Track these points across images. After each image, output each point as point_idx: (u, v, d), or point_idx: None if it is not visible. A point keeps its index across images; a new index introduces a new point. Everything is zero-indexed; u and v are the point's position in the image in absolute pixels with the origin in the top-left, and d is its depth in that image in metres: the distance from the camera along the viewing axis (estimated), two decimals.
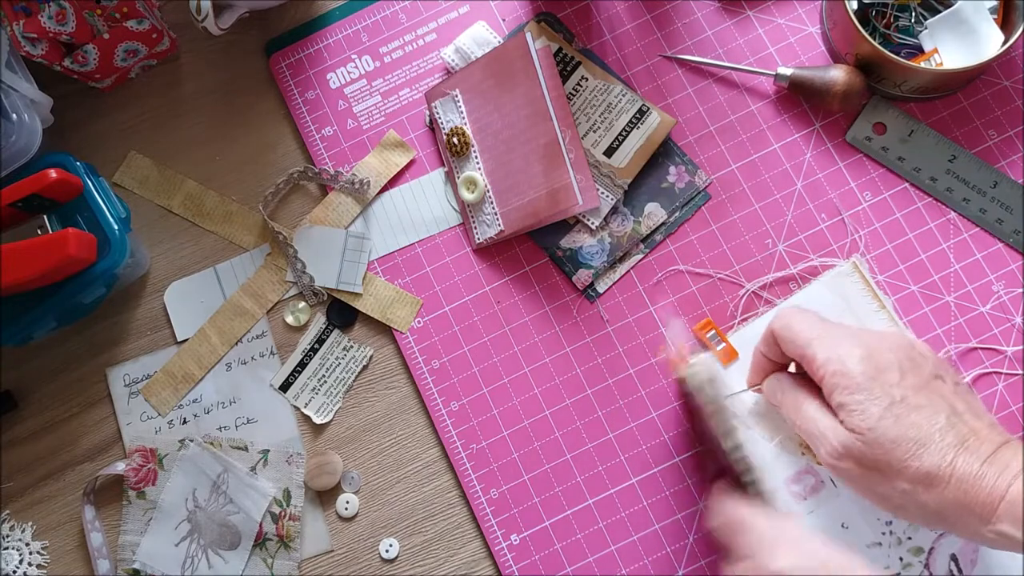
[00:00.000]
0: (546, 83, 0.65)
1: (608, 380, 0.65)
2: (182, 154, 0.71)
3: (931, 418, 0.49)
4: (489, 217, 0.67)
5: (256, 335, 0.68)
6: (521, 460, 0.65)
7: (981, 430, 0.49)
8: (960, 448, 0.48)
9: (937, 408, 0.49)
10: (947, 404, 0.49)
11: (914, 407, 0.49)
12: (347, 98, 0.71)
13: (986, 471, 0.47)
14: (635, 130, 0.67)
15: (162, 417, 0.67)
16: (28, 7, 0.63)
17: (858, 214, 0.66)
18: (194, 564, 0.64)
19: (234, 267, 0.69)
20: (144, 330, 0.69)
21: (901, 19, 0.66)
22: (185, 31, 0.72)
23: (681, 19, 0.70)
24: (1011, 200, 0.65)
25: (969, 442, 0.48)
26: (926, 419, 0.48)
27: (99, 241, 0.63)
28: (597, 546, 0.63)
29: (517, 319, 0.67)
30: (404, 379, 0.67)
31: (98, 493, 0.67)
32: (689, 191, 0.67)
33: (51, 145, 0.68)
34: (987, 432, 0.49)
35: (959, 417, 0.49)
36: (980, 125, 0.66)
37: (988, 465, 0.47)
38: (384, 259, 0.69)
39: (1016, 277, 0.64)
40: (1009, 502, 0.46)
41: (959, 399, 0.50)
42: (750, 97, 0.68)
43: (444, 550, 0.65)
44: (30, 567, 0.66)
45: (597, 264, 0.66)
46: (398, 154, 0.70)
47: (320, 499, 0.66)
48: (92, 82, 0.69)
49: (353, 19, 0.72)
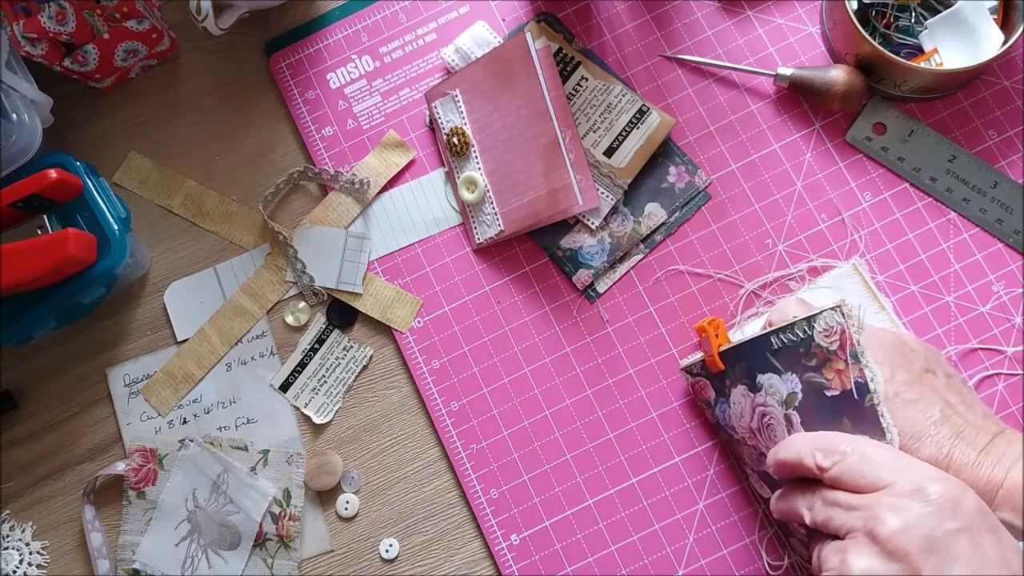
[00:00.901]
0: (546, 83, 0.65)
1: (608, 380, 0.65)
2: (182, 154, 0.71)
3: (925, 411, 0.49)
4: (489, 217, 0.67)
5: (256, 335, 0.68)
6: (521, 460, 0.65)
7: (976, 421, 0.49)
8: (956, 439, 0.48)
9: (930, 401, 0.49)
10: (940, 397, 0.50)
11: (908, 402, 0.49)
12: (347, 98, 0.71)
13: (983, 461, 0.47)
14: (635, 130, 0.67)
15: (162, 417, 0.67)
16: (28, 7, 0.63)
17: (858, 214, 0.66)
18: (194, 564, 0.64)
19: (234, 267, 0.69)
20: (144, 330, 0.69)
21: (901, 19, 0.66)
22: (185, 31, 0.72)
23: (681, 19, 0.70)
24: (1011, 200, 0.65)
25: (964, 433, 0.48)
26: (920, 413, 0.49)
27: (99, 241, 0.63)
28: (597, 546, 0.63)
29: (517, 319, 0.67)
30: (404, 379, 0.67)
31: (98, 493, 0.67)
32: (689, 191, 0.67)
33: (51, 145, 0.68)
34: (981, 422, 0.49)
35: (953, 409, 0.50)
36: (980, 125, 0.66)
37: (984, 455, 0.48)
38: (384, 259, 0.69)
39: (1016, 277, 0.64)
40: (1007, 490, 0.46)
41: (952, 392, 0.51)
42: (750, 97, 0.68)
43: (444, 550, 0.65)
44: (30, 567, 0.66)
45: (597, 264, 0.66)
46: (398, 154, 0.70)
47: (320, 499, 0.66)
48: (92, 82, 0.69)
49: (353, 19, 0.72)
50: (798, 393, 0.52)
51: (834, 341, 0.50)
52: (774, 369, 0.53)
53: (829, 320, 0.50)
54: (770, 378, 0.53)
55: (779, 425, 0.53)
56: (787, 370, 0.52)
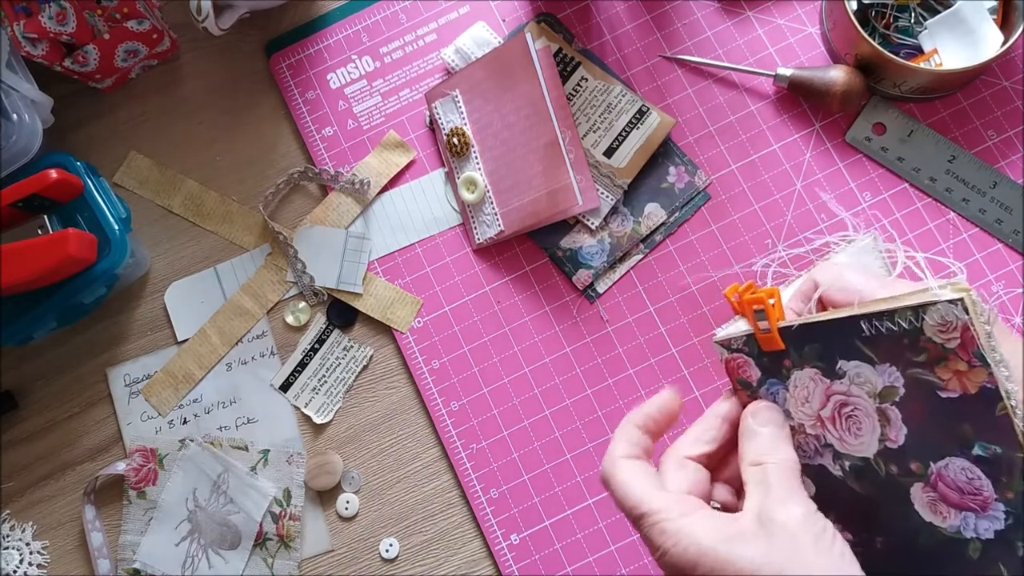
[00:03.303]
0: (546, 83, 0.65)
1: (608, 380, 0.66)
2: (182, 154, 0.71)
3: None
4: (489, 217, 0.67)
5: (256, 335, 0.68)
6: (521, 460, 0.65)
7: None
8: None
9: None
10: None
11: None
12: (347, 98, 0.71)
13: None
14: (635, 130, 0.67)
15: (162, 417, 0.67)
16: (28, 7, 0.63)
17: (858, 214, 0.66)
18: (194, 564, 0.64)
19: (234, 267, 0.69)
20: (144, 330, 0.69)
21: (901, 19, 0.66)
22: (185, 31, 0.72)
23: (681, 19, 0.70)
24: (1010, 200, 0.65)
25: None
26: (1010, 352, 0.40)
27: (99, 241, 0.63)
28: (597, 546, 0.63)
29: (517, 319, 0.67)
30: (404, 379, 0.67)
31: (98, 493, 0.67)
32: (689, 191, 0.67)
33: (51, 145, 0.68)
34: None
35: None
36: (980, 125, 0.67)
37: None
38: (384, 259, 0.69)
39: (1016, 277, 0.64)
40: None
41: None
42: (750, 97, 0.68)
43: (444, 550, 0.65)
44: (30, 567, 0.66)
45: (597, 264, 0.66)
46: (398, 154, 0.70)
47: (320, 499, 0.66)
48: (92, 82, 0.69)
49: (353, 19, 0.72)
50: (899, 388, 0.43)
51: (953, 339, 0.40)
52: (864, 358, 0.44)
53: (947, 314, 0.40)
54: (858, 367, 0.44)
55: (868, 418, 0.45)
56: (884, 361, 0.43)
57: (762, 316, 0.46)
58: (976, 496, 0.40)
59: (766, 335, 0.47)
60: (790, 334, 0.47)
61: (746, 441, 0.44)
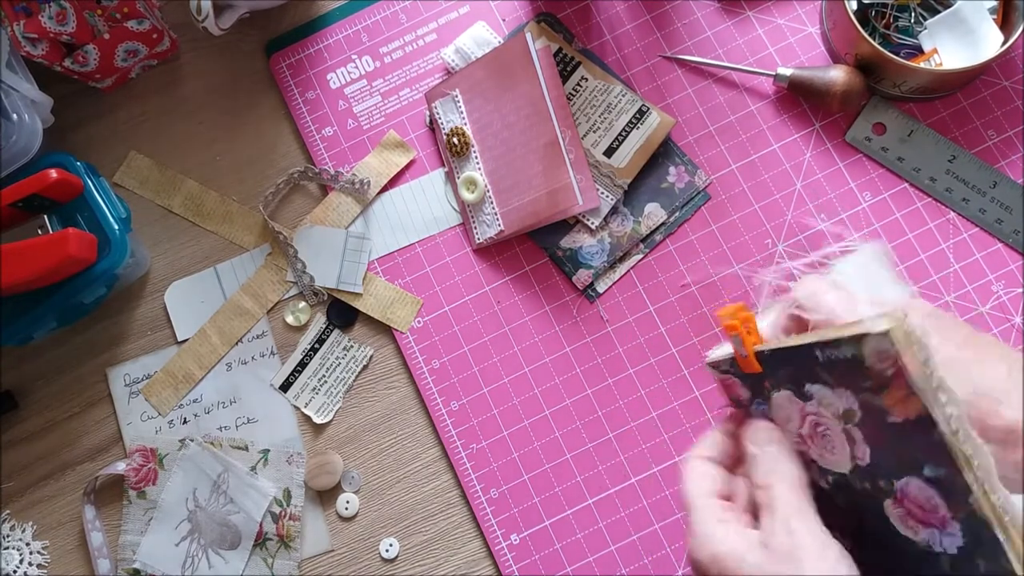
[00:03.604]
0: (546, 83, 0.65)
1: (608, 380, 0.66)
2: (182, 154, 0.71)
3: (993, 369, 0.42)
4: (489, 217, 0.67)
5: (256, 335, 0.68)
6: (521, 460, 0.65)
7: None
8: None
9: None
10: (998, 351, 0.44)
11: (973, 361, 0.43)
12: (347, 98, 0.71)
13: None
14: (635, 130, 0.67)
15: (162, 417, 0.67)
16: (28, 7, 0.63)
17: (858, 214, 0.66)
18: (194, 564, 0.64)
19: (234, 267, 0.69)
20: (144, 330, 0.69)
21: (901, 19, 0.66)
22: (185, 31, 0.72)
23: (681, 19, 0.70)
24: (1010, 200, 0.65)
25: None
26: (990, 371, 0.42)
27: (99, 241, 0.63)
28: (597, 546, 0.63)
29: (517, 319, 0.67)
30: (404, 379, 0.67)
31: (98, 493, 0.67)
32: (689, 191, 0.67)
33: (51, 145, 0.68)
34: None
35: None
36: (980, 125, 0.67)
37: None
38: (384, 259, 0.69)
39: (1016, 277, 0.64)
40: None
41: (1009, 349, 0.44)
42: (750, 97, 0.68)
43: (444, 550, 0.65)
44: (30, 567, 0.66)
45: (597, 264, 0.66)
46: (398, 154, 0.70)
47: (320, 499, 0.66)
48: (92, 82, 0.69)
49: (353, 19, 0.72)
50: (856, 411, 0.44)
51: (889, 368, 0.40)
52: (824, 382, 0.45)
53: (878, 345, 0.40)
54: (821, 389, 0.45)
55: (837, 436, 0.46)
56: (839, 386, 0.44)
57: (739, 341, 0.47)
58: (935, 514, 0.40)
59: (744, 359, 0.48)
60: (764, 358, 0.48)
61: (750, 465, 0.46)
